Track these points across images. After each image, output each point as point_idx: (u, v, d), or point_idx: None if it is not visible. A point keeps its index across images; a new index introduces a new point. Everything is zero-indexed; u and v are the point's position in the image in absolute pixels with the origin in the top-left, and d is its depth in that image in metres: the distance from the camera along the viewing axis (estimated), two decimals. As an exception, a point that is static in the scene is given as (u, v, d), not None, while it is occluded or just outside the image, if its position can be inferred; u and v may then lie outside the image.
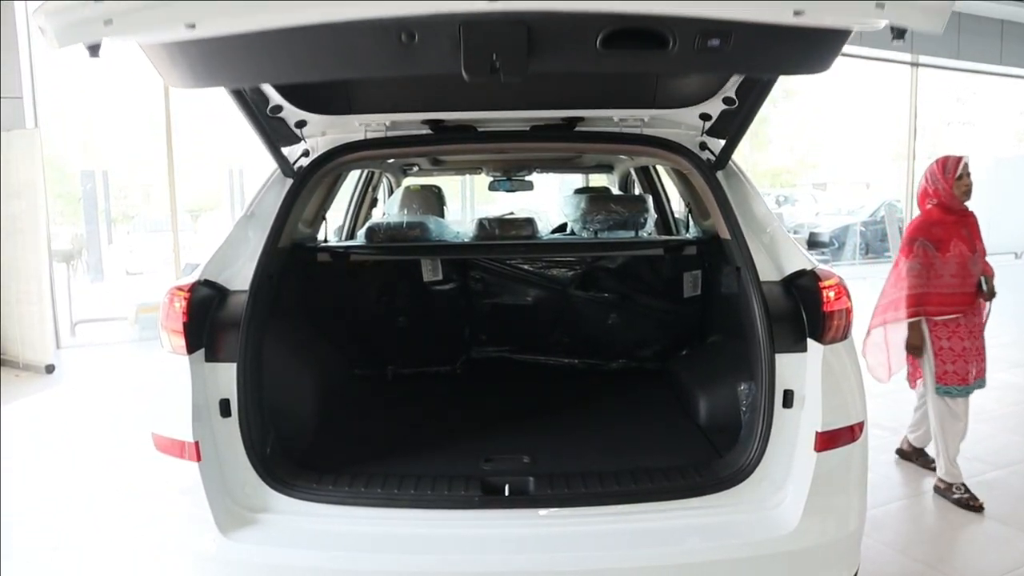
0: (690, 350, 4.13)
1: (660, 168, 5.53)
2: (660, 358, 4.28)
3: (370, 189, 6.31)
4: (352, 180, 5.95)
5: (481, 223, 4.42)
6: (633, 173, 6.06)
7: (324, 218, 4.42)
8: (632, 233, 4.39)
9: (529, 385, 4.20)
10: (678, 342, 4.24)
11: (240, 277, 2.99)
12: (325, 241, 4.42)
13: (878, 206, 19.45)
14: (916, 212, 4.61)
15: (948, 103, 24.44)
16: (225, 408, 2.74)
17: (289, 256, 3.49)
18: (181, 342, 2.80)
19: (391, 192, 6.07)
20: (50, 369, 7.84)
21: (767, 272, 2.92)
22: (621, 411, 3.90)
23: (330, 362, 4.08)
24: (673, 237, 4.46)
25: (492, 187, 6.49)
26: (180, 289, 2.88)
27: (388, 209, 5.23)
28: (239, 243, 3.11)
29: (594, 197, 4.49)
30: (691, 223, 4.51)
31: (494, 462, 2.96)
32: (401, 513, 2.77)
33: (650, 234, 4.51)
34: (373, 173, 6.20)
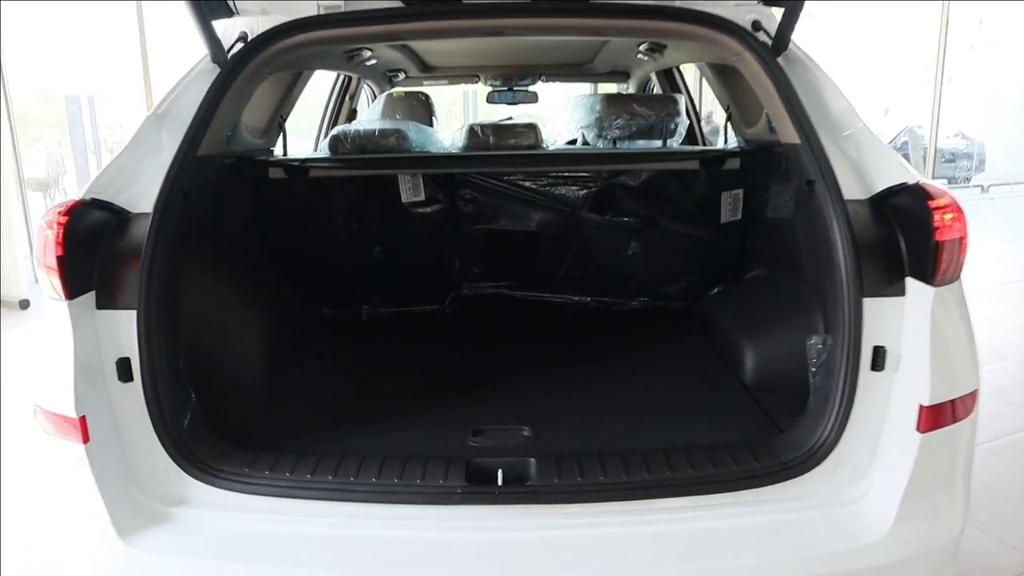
0: (727, 287, 3.71)
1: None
2: (689, 296, 3.82)
3: (347, 98, 5.53)
4: (328, 89, 5.45)
5: (473, 130, 3.69)
6: (654, 78, 5.25)
7: (281, 127, 3.75)
8: (659, 142, 3.64)
9: (531, 329, 3.74)
10: (711, 277, 3.79)
11: (148, 196, 2.32)
12: (286, 155, 3.72)
13: (899, 131, 18.56)
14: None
15: (970, 26, 23.37)
16: (125, 370, 2.21)
17: (231, 172, 3.08)
18: (58, 283, 2.12)
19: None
20: (24, 304, 7.58)
21: (850, 188, 2.28)
22: (644, 363, 3.29)
23: (285, 303, 3.46)
24: (711, 148, 3.68)
25: (491, 99, 5.87)
26: (59, 212, 2.18)
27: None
28: (146, 151, 2.40)
29: (613, 96, 3.76)
30: (730, 133, 3.74)
31: (484, 435, 2.49)
32: (358, 510, 2.17)
33: (681, 144, 3.75)
34: (350, 80, 5.44)
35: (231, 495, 2.22)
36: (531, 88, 5.91)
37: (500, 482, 2.21)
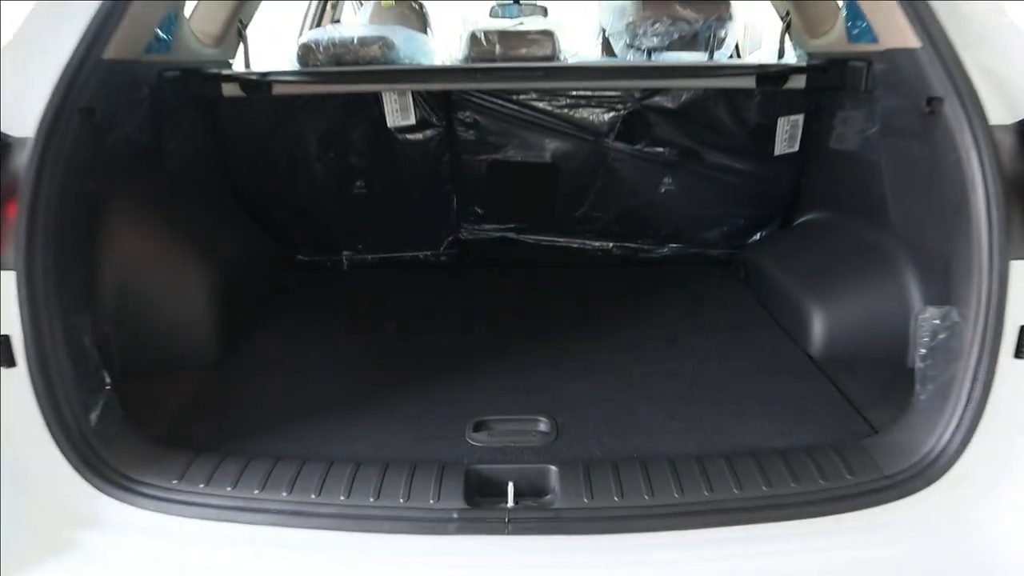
0: (775, 233, 3.33)
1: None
2: (731, 242, 3.44)
3: (328, 6, 4.84)
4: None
5: (475, 37, 3.10)
6: None
7: (241, 34, 3.19)
8: (704, 55, 3.00)
9: (544, 283, 3.33)
10: (757, 220, 3.41)
11: (34, 116, 1.75)
12: (248, 66, 3.19)
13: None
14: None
15: None
16: (4, 352, 1.69)
17: (173, 88, 2.66)
18: None
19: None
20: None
21: (992, 111, 1.71)
22: (685, 327, 2.80)
23: (246, 252, 2.99)
24: (772, 63, 3.03)
25: (494, 13, 5.13)
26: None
27: None
28: (34, 54, 1.78)
29: None
30: (787, 47, 3.11)
31: (489, 431, 2.04)
32: (322, 539, 1.67)
33: (731, 56, 3.12)
34: None
35: (154, 516, 1.73)
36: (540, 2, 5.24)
37: (511, 501, 1.68)
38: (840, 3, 2.86)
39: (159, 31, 2.52)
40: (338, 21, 5.17)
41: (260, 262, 3.06)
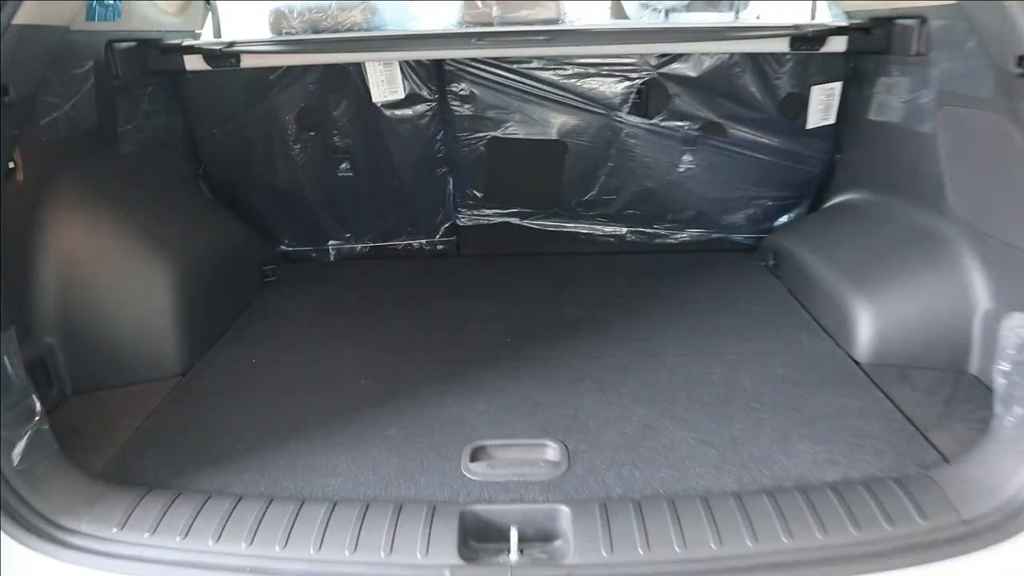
0: (806, 216, 3.07)
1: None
2: (756, 226, 3.18)
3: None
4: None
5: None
6: None
7: (208, 1, 2.94)
8: (730, 14, 2.68)
9: (550, 274, 3.06)
10: (786, 201, 3.13)
11: None
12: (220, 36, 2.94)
13: None
14: None
15: None
16: None
17: (126, 61, 2.45)
18: None
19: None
20: None
21: None
22: (710, 326, 2.51)
23: (217, 245, 2.71)
24: (808, 23, 2.70)
25: None
26: None
27: None
28: None
29: None
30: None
31: (489, 460, 1.79)
32: None
33: (759, 17, 2.80)
34: None
35: (87, 574, 1.42)
36: None
37: (514, 552, 1.41)
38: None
39: (102, -6, 2.22)
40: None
41: (235, 255, 2.79)
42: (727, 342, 2.36)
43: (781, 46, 2.65)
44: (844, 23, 2.64)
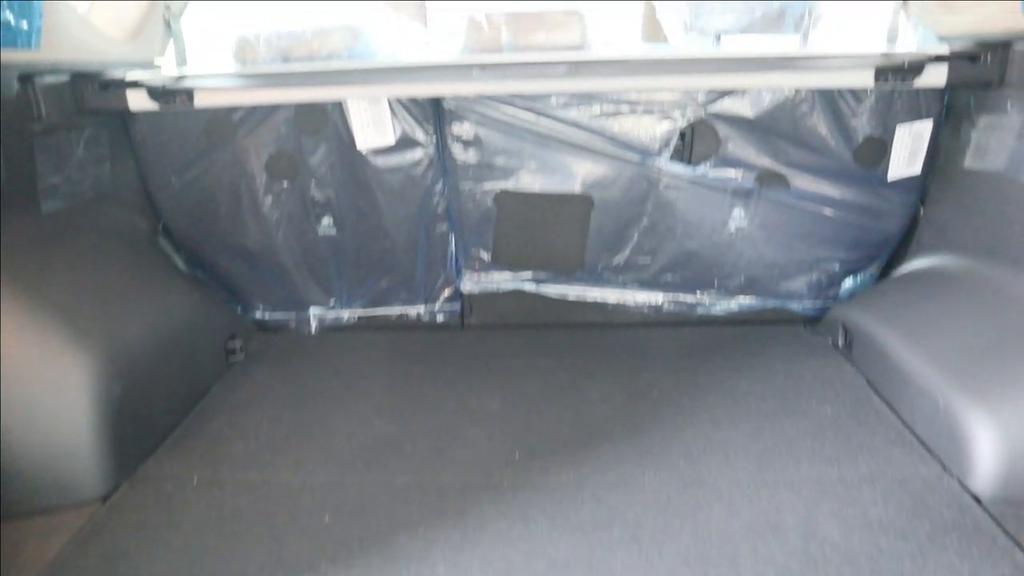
0: (890, 284, 2.61)
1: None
2: (820, 293, 2.76)
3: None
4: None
5: (473, 22, 2.35)
6: None
7: (169, 22, 2.50)
8: (796, 37, 2.22)
9: (570, 349, 2.66)
10: (856, 265, 2.72)
11: None
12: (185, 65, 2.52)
13: None
14: None
15: None
16: None
17: (52, 99, 2.10)
18: None
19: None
20: None
21: None
22: (769, 428, 2.04)
23: (164, 318, 2.28)
24: (899, 51, 2.21)
25: None
26: None
27: None
28: None
29: None
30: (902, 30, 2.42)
31: None
32: None
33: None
34: None
35: None
36: None
37: None
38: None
39: (8, 15, 1.79)
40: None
41: (191, 332, 2.36)
42: (798, 462, 1.85)
43: (864, 79, 2.16)
44: (943, 48, 2.15)
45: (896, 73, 2.13)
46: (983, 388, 1.79)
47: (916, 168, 2.45)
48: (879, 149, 2.41)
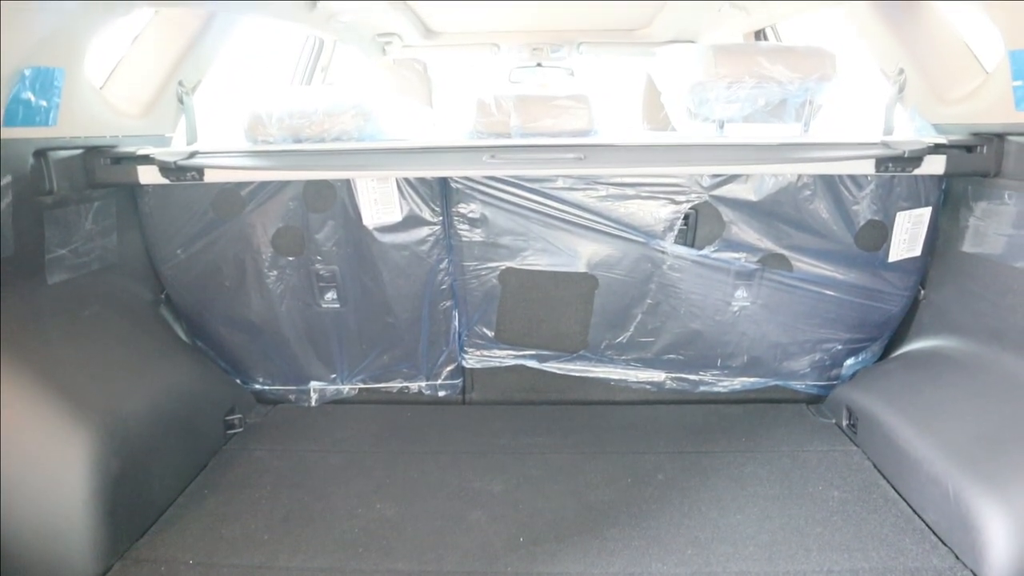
0: (893, 365, 2.60)
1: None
2: (822, 374, 2.77)
3: (317, 70, 4.26)
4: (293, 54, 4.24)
5: (484, 104, 2.40)
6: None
7: (182, 100, 2.52)
8: (798, 125, 2.28)
9: (573, 427, 2.62)
10: (856, 344, 2.72)
11: None
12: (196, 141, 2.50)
13: None
14: None
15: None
16: None
17: (63, 173, 2.11)
18: None
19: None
20: None
21: None
22: (777, 515, 2.02)
23: (164, 391, 2.26)
24: (900, 139, 2.27)
25: (513, 78, 4.65)
26: None
27: None
28: None
29: (728, 49, 2.43)
30: (904, 115, 2.49)
31: None
32: None
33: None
34: (323, 45, 4.26)
35: None
36: (566, 64, 4.70)
37: None
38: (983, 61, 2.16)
39: (30, 95, 1.83)
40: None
41: (191, 404, 2.34)
42: (808, 551, 1.83)
43: (865, 167, 2.21)
44: (940, 139, 2.21)
45: (896, 162, 2.17)
46: (993, 476, 1.78)
47: (916, 251, 2.45)
48: (880, 233, 2.44)
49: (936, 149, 2.20)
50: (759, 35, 4.02)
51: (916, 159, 2.16)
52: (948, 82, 2.31)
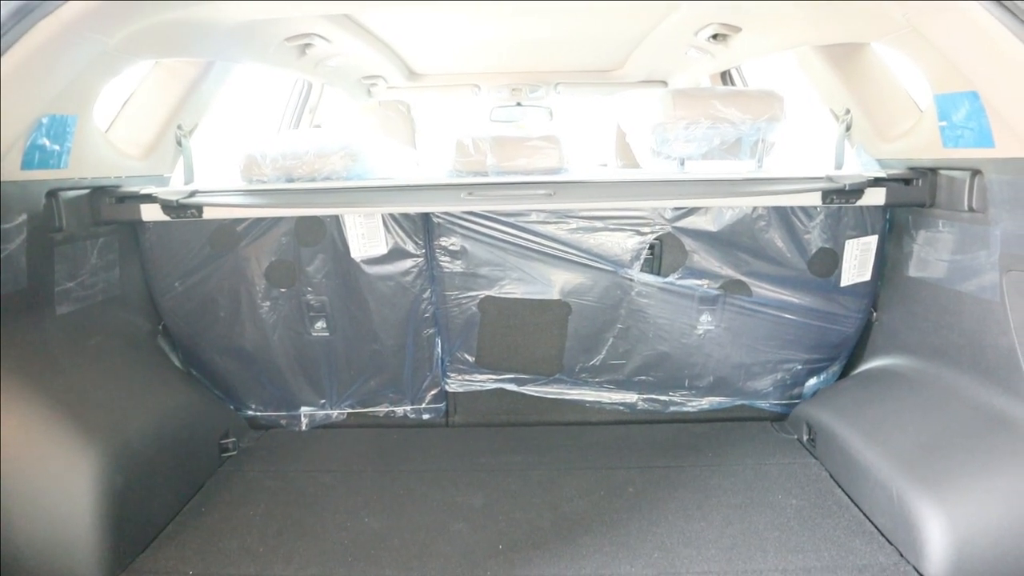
0: (849, 383, 2.77)
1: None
2: (784, 393, 2.92)
3: (306, 111, 4.44)
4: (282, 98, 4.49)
5: (462, 145, 2.56)
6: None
7: (180, 141, 2.71)
8: (752, 162, 2.47)
9: (550, 446, 2.75)
10: (817, 365, 2.87)
11: None
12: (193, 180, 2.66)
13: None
14: None
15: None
16: None
17: (72, 211, 2.27)
18: None
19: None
20: None
21: None
22: (739, 521, 2.17)
23: (164, 415, 2.39)
24: (845, 174, 2.46)
25: (495, 117, 4.89)
26: None
27: None
28: None
29: (686, 93, 2.61)
30: (851, 151, 2.71)
31: None
32: None
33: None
34: (311, 88, 4.47)
35: None
36: (544, 102, 4.94)
37: None
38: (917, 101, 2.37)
39: (46, 140, 2.00)
40: (320, 128, 4.78)
41: (188, 428, 2.46)
42: (765, 552, 1.98)
43: (812, 199, 2.41)
44: (881, 173, 2.41)
45: (839, 195, 2.37)
46: (931, 479, 1.94)
47: (866, 276, 2.63)
48: (831, 259, 2.62)
49: (877, 182, 2.40)
50: (725, 75, 4.27)
51: (857, 191, 2.36)
52: (888, 121, 2.51)
